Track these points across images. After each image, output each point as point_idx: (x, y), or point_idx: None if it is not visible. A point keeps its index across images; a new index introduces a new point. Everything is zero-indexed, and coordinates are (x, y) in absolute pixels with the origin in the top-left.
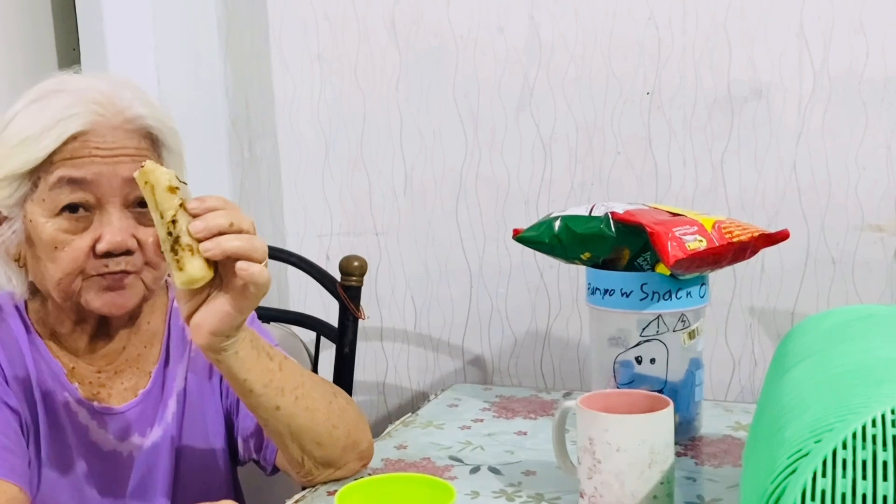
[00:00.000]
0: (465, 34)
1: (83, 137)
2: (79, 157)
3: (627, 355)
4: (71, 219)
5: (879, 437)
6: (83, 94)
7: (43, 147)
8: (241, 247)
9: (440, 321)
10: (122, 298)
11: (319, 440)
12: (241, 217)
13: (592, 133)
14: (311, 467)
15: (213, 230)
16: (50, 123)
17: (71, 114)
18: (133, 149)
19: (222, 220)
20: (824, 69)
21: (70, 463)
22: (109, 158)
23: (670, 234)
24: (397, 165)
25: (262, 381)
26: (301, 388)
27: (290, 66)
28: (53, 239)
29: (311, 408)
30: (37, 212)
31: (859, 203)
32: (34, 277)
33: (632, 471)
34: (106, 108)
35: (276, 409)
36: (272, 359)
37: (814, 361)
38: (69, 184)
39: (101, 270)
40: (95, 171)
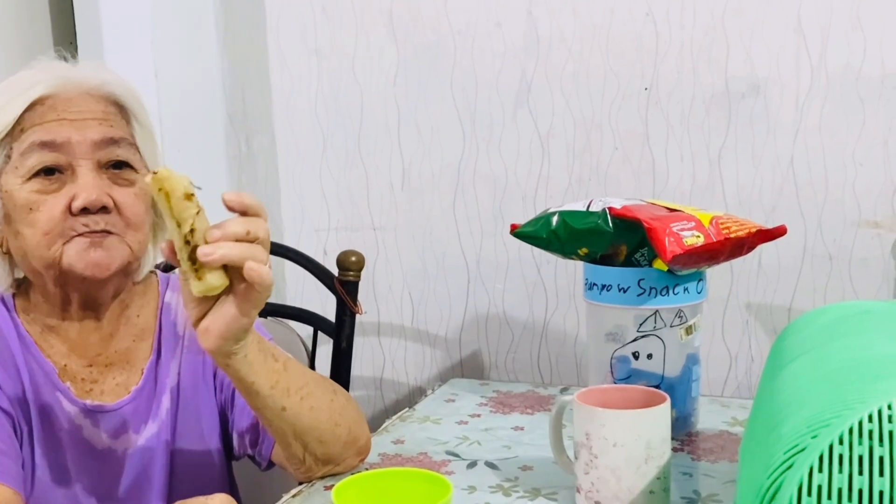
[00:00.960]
0: (462, 29)
1: (50, 101)
2: (48, 122)
3: (624, 351)
4: (45, 181)
5: (876, 433)
6: (47, 68)
7: (11, 112)
8: (241, 255)
9: (437, 316)
10: (105, 258)
11: (322, 438)
12: (258, 225)
13: (590, 129)
14: (312, 464)
15: (231, 239)
16: (17, 93)
17: (35, 81)
18: (101, 112)
19: (239, 229)
20: (822, 65)
21: (64, 463)
22: (78, 122)
23: (668, 229)
24: (395, 160)
25: (269, 382)
26: (306, 388)
27: (287, 61)
28: (28, 201)
29: (315, 407)
30: (10, 181)
31: (856, 199)
32: (17, 257)
33: (628, 466)
34: (70, 74)
35: (283, 409)
36: (277, 360)
37: (810, 357)
38: (41, 147)
39: (80, 230)
40: (65, 134)
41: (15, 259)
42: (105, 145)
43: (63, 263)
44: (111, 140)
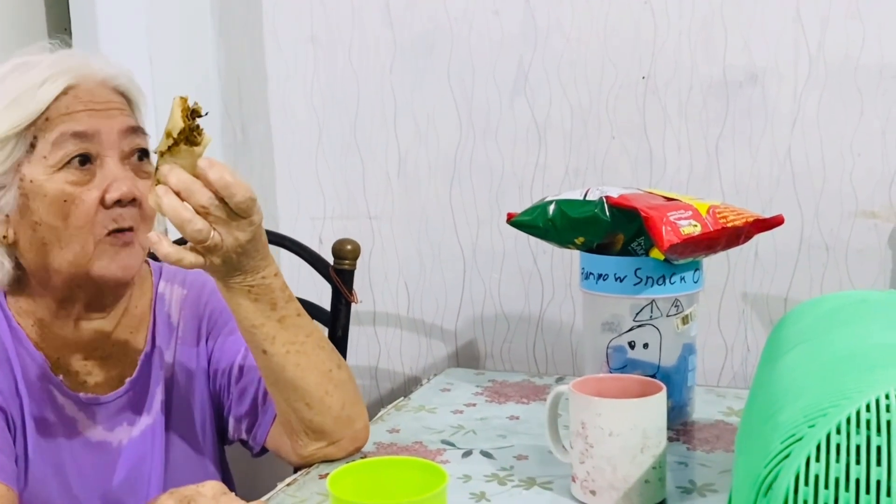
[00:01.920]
0: (459, 17)
1: (73, 92)
2: (76, 112)
3: (620, 340)
4: (77, 171)
5: (874, 422)
6: (57, 61)
7: (39, 100)
8: (169, 211)
9: (433, 306)
10: (133, 258)
11: (309, 401)
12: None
13: (587, 118)
14: (302, 432)
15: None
16: (38, 81)
17: (55, 72)
18: (119, 102)
19: (181, 183)
20: (820, 55)
21: (58, 456)
22: (104, 112)
23: (665, 218)
24: (391, 149)
25: (253, 322)
26: (297, 345)
27: (283, 49)
28: (62, 192)
29: (302, 366)
30: (38, 171)
31: (853, 189)
32: (29, 249)
33: (624, 455)
34: (84, 68)
35: (263, 352)
36: (275, 310)
37: (807, 347)
38: (73, 137)
39: (111, 226)
40: (95, 124)
41: (22, 251)
42: (128, 134)
43: (95, 268)
44: (132, 129)
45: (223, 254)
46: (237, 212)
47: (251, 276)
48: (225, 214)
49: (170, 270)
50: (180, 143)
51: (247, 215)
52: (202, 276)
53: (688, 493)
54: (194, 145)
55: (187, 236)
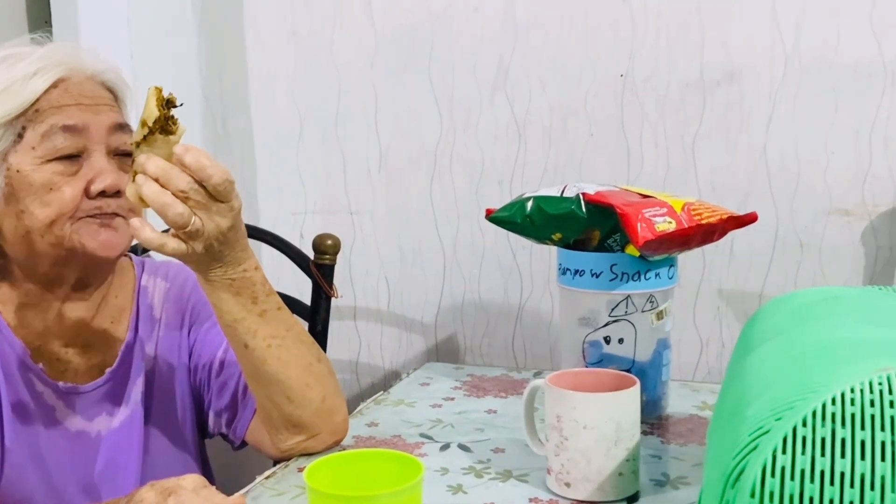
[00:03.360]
0: (440, 13)
1: (64, 85)
2: (66, 105)
3: (596, 335)
4: (65, 163)
5: (838, 415)
6: (48, 53)
7: (30, 91)
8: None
9: (413, 300)
10: (116, 238)
11: (290, 395)
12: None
13: (566, 114)
14: (282, 427)
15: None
16: (29, 73)
17: (46, 64)
18: (107, 98)
19: (158, 169)
20: (796, 54)
21: (36, 445)
22: (93, 107)
23: (640, 215)
24: (372, 144)
25: (234, 317)
26: (277, 339)
27: (264, 43)
28: (49, 181)
29: (283, 359)
30: (25, 161)
31: (828, 187)
32: (12, 237)
33: (598, 448)
34: (75, 62)
35: (245, 346)
36: (256, 304)
37: (777, 342)
38: (63, 131)
39: (93, 212)
40: (84, 119)
41: (6, 239)
42: (115, 131)
43: (75, 243)
44: (120, 126)
45: (205, 240)
46: (216, 195)
47: (232, 268)
48: (204, 198)
49: (152, 264)
50: (156, 133)
51: (226, 199)
52: (185, 271)
53: (661, 485)
54: (169, 134)
55: (168, 221)
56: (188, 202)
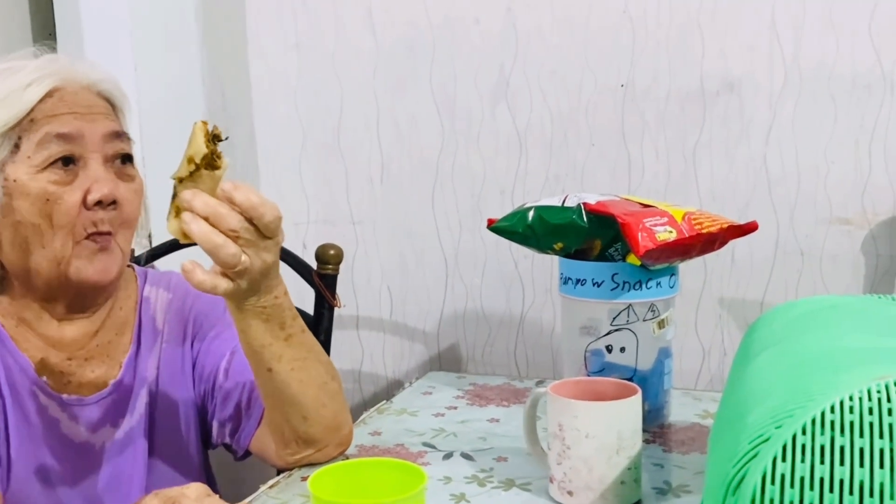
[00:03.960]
0: (441, 24)
1: (59, 94)
2: (60, 114)
3: (598, 344)
4: (60, 171)
5: (837, 423)
6: (43, 66)
7: (26, 101)
8: (199, 237)
9: (416, 310)
10: (111, 262)
11: (306, 414)
12: (229, 218)
13: (567, 125)
14: (293, 442)
15: (193, 209)
16: (24, 83)
17: (41, 75)
18: (103, 107)
19: (208, 208)
20: (795, 64)
21: (41, 457)
22: (88, 116)
23: (641, 224)
24: (374, 154)
25: (262, 343)
26: (300, 362)
27: (266, 55)
28: (45, 191)
29: (304, 381)
30: (21, 170)
31: (828, 196)
32: (10, 249)
33: (600, 456)
34: (70, 72)
35: (269, 370)
36: (283, 329)
37: (777, 350)
38: (57, 139)
39: (90, 229)
40: (78, 127)
41: (3, 250)
42: (111, 139)
43: (71, 269)
44: (116, 134)
45: (250, 276)
46: (265, 232)
47: (265, 296)
48: (253, 236)
49: (155, 275)
50: (201, 168)
51: (274, 235)
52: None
53: (663, 493)
54: (215, 169)
55: (219, 261)
56: (238, 241)
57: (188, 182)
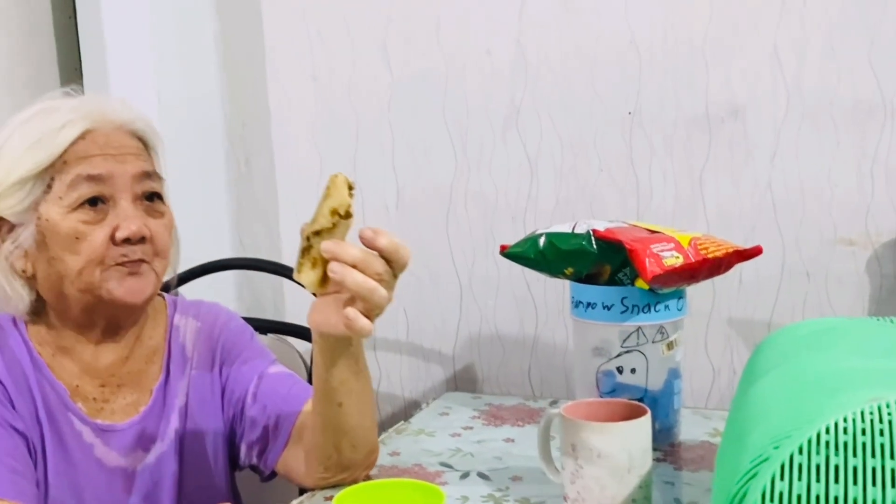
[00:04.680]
0: (454, 56)
1: (90, 136)
2: (91, 156)
3: (609, 365)
4: (90, 212)
5: (832, 443)
6: (78, 107)
7: (58, 144)
8: (361, 288)
9: (431, 332)
10: (141, 284)
11: (355, 443)
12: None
13: (576, 151)
14: (333, 466)
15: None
16: (57, 126)
17: (74, 117)
18: (134, 147)
19: (356, 255)
20: (798, 90)
21: (76, 481)
22: (118, 157)
23: (648, 250)
24: (389, 182)
25: (341, 379)
26: (364, 395)
27: (285, 86)
28: (74, 230)
29: (363, 413)
30: (53, 210)
31: (832, 218)
32: (45, 282)
33: (612, 476)
34: (105, 109)
35: (339, 405)
36: (357, 364)
37: (777, 373)
38: (87, 180)
39: (119, 259)
40: (109, 168)
41: (40, 283)
42: (141, 178)
43: (102, 290)
44: (146, 174)
45: (380, 315)
46: (398, 272)
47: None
48: (390, 277)
49: (184, 303)
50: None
51: (401, 273)
52: (215, 309)
53: None
54: (349, 218)
55: (374, 304)
56: (381, 283)
57: (325, 233)
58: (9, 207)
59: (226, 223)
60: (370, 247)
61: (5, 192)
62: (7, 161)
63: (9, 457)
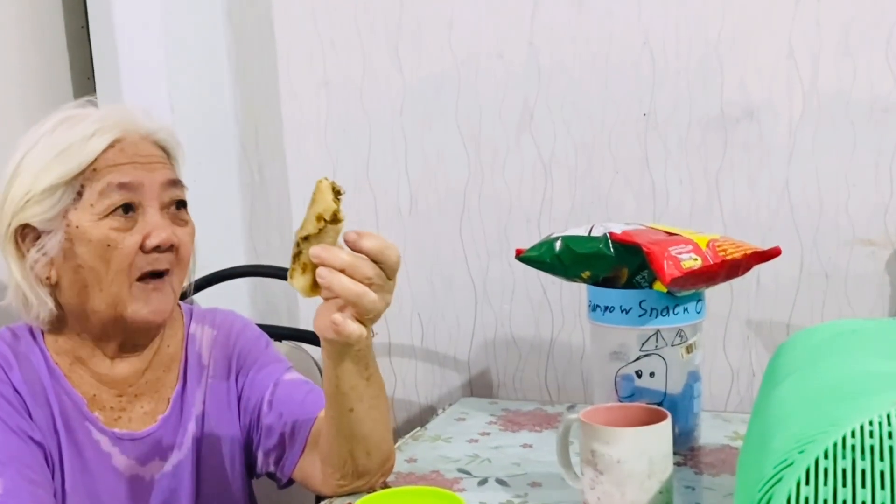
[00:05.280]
0: (466, 60)
1: (120, 145)
2: (122, 164)
3: (628, 369)
4: (122, 219)
5: (858, 447)
6: (105, 116)
7: (89, 151)
8: (348, 292)
9: (446, 337)
10: (164, 303)
11: (370, 450)
12: (364, 266)
13: (591, 154)
14: (349, 474)
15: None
16: (87, 134)
17: (103, 126)
18: (160, 156)
19: (344, 259)
20: (813, 90)
21: (94, 490)
22: (147, 165)
23: (666, 253)
24: (402, 186)
25: (350, 384)
26: (375, 400)
27: (297, 93)
28: (106, 237)
29: (376, 419)
30: (84, 218)
31: (850, 219)
32: (69, 291)
33: (632, 481)
34: (129, 123)
35: (350, 411)
36: (367, 369)
37: (799, 376)
38: (119, 188)
39: (145, 269)
40: (139, 176)
41: (63, 292)
42: (168, 186)
43: (128, 310)
44: (172, 182)
45: (376, 320)
46: (389, 274)
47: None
48: (382, 280)
49: (200, 312)
50: (328, 224)
51: (395, 275)
52: (230, 317)
53: None
54: (338, 223)
55: (362, 309)
56: (372, 287)
57: (314, 238)
58: (37, 215)
59: (240, 231)
60: (355, 250)
61: (34, 200)
62: (34, 170)
63: (26, 467)
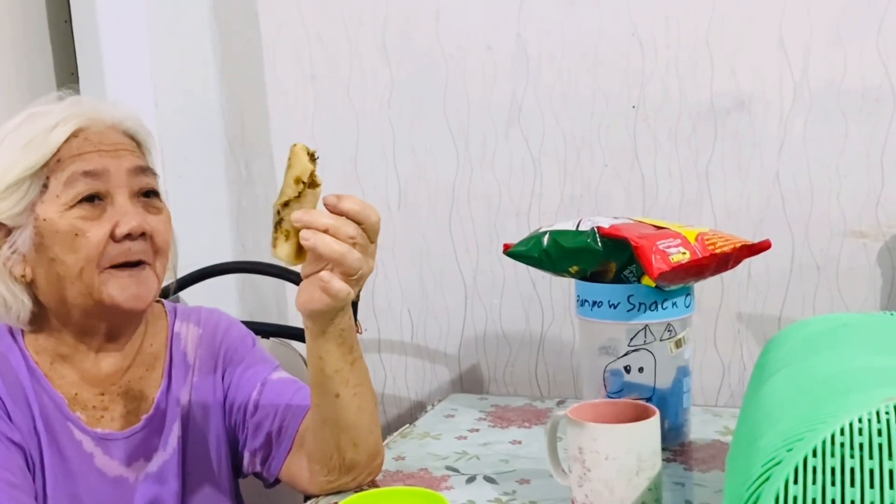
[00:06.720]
0: (454, 53)
1: (83, 134)
2: (86, 153)
3: (617, 364)
4: (88, 208)
5: (847, 445)
6: (68, 107)
7: (52, 142)
8: (333, 252)
9: (436, 332)
10: (143, 289)
11: (357, 441)
12: (346, 226)
13: (580, 147)
14: (336, 469)
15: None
16: (48, 127)
17: (67, 115)
18: (128, 144)
19: (327, 220)
20: (804, 81)
21: (76, 492)
22: (113, 153)
23: (654, 247)
24: (391, 181)
25: (335, 368)
26: (360, 388)
27: (284, 87)
28: (73, 227)
29: (362, 407)
30: (51, 209)
31: (841, 210)
32: (46, 286)
33: (620, 478)
34: (94, 112)
35: (336, 396)
36: (351, 353)
37: (788, 372)
38: (84, 176)
39: (119, 259)
40: (104, 164)
41: (40, 288)
42: (137, 174)
43: (104, 295)
44: (141, 169)
45: (362, 283)
46: (371, 235)
47: (344, 316)
48: (365, 241)
49: (184, 310)
50: (306, 188)
51: (376, 238)
52: (216, 316)
53: None
54: (316, 187)
55: (348, 268)
56: (355, 247)
57: (294, 203)
58: (4, 211)
59: (227, 226)
60: (336, 212)
61: (1, 196)
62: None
63: (6, 470)
